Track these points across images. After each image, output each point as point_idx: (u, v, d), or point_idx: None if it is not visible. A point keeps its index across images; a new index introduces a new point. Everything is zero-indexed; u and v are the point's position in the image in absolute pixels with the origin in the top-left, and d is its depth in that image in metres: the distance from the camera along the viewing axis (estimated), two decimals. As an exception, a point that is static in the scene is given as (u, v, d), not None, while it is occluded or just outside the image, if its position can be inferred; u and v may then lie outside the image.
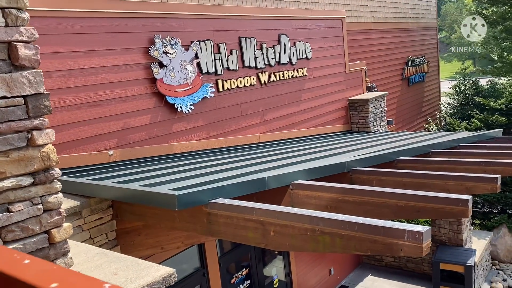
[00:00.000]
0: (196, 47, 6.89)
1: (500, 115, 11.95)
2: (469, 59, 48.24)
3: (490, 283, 9.69)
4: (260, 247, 3.84)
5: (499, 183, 4.55)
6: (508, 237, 10.56)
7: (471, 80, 16.87)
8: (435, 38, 19.28)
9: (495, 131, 8.91)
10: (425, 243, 2.85)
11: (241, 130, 7.84)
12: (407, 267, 10.37)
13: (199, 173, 4.87)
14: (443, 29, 56.46)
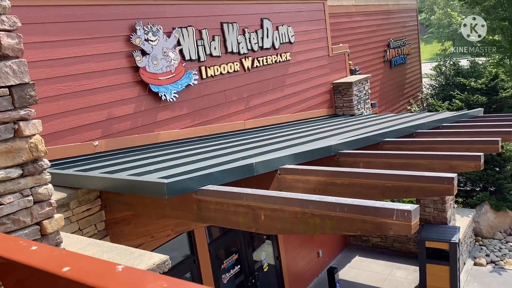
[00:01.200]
0: (178, 33, 6.81)
1: (481, 94, 12.16)
2: (449, 40, 48.69)
3: (474, 258, 9.97)
4: (251, 231, 3.87)
5: (482, 160, 4.65)
6: (490, 213, 10.84)
7: (451, 61, 17.09)
8: (416, 20, 19.40)
9: (476, 110, 9.07)
10: (414, 221, 2.91)
11: (226, 117, 7.82)
12: (394, 246, 10.58)
13: (187, 161, 4.86)
14: (423, 11, 56.71)
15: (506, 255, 9.89)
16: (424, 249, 8.53)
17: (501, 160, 10.95)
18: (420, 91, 18.78)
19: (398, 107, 17.10)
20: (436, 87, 16.82)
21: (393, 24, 16.87)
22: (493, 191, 11.18)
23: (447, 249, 8.34)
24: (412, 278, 9.38)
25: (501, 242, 10.45)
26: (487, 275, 9.33)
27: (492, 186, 11.22)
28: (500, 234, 10.69)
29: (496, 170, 11.06)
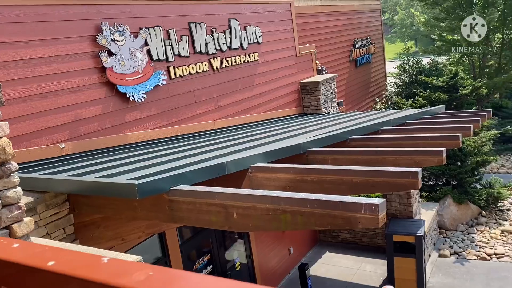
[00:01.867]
0: (145, 33, 6.74)
1: (442, 92, 12.61)
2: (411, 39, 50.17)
3: (439, 250, 10.34)
4: (223, 229, 3.90)
5: (444, 155, 4.85)
6: (453, 206, 11.27)
7: (414, 59, 17.63)
8: (379, 20, 19.90)
9: (438, 107, 9.42)
10: (381, 214, 3.02)
11: (196, 117, 7.80)
12: (362, 241, 10.83)
13: (158, 162, 4.83)
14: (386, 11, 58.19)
15: (468, 246, 10.31)
16: (391, 243, 8.79)
17: (462, 155, 11.40)
18: (385, 89, 19.28)
19: (364, 105, 17.50)
20: (400, 85, 17.33)
21: (358, 24, 17.25)
22: (455, 185, 11.63)
23: (413, 242, 8.62)
24: (380, 272, 9.64)
25: (464, 233, 10.89)
26: (451, 265, 9.71)
27: (454, 180, 11.66)
28: (463, 226, 11.13)
29: (458, 164, 11.51)
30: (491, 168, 14.72)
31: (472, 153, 11.45)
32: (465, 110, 11.95)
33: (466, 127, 6.48)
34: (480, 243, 10.35)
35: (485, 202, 11.42)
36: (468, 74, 17.77)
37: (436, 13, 18.02)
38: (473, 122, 6.96)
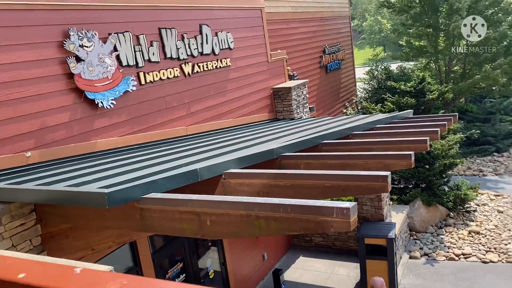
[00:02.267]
0: (114, 39, 6.63)
1: (410, 97, 12.94)
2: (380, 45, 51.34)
3: (409, 252, 10.55)
4: (196, 237, 3.85)
5: (413, 159, 4.97)
6: (423, 209, 11.54)
7: (382, 65, 18.03)
8: (349, 27, 20.27)
9: (406, 112, 9.65)
10: (352, 217, 3.05)
11: (167, 123, 7.72)
12: (335, 245, 10.94)
13: (128, 169, 4.74)
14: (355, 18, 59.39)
15: (437, 247, 10.57)
16: (363, 246, 8.91)
17: (430, 158, 11.71)
18: (355, 94, 19.63)
19: (335, 110, 17.75)
20: (370, 90, 17.68)
21: (328, 30, 17.52)
22: (424, 188, 11.92)
23: (384, 244, 8.76)
24: (354, 275, 9.75)
25: (433, 235, 11.16)
26: (421, 267, 9.92)
27: (423, 183, 11.95)
28: (432, 228, 11.41)
29: (426, 167, 11.81)
30: (458, 170, 15.18)
31: (440, 156, 11.78)
32: (432, 114, 12.30)
33: (433, 131, 6.66)
34: (449, 244, 10.63)
35: (453, 204, 11.75)
36: (434, 79, 18.31)
37: (404, 20, 18.49)
38: (440, 126, 7.16)
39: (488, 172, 14.98)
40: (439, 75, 17.74)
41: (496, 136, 16.64)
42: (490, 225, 11.18)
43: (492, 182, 14.20)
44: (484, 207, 12.26)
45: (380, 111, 12.89)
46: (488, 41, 16.39)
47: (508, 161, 15.71)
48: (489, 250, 10.16)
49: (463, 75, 17.27)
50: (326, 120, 9.94)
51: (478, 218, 11.66)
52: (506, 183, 14.00)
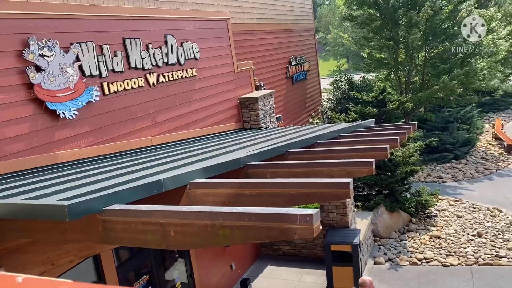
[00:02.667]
0: (76, 49, 6.52)
1: (372, 106, 13.31)
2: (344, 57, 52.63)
3: (374, 258, 10.77)
4: (160, 248, 3.81)
5: (373, 166, 5.11)
6: (386, 215, 11.83)
7: (346, 76, 18.48)
8: (313, 39, 20.69)
9: (368, 121, 9.91)
10: (315, 224, 3.11)
11: (132, 133, 7.62)
12: (303, 253, 11.03)
13: (90, 181, 4.64)
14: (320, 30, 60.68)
15: (400, 252, 10.85)
16: (329, 253, 9.03)
17: (392, 166, 12.05)
18: (320, 104, 19.99)
19: (301, 120, 18.01)
20: (334, 100, 18.06)
21: (293, 42, 17.82)
22: (387, 194, 12.23)
23: (349, 251, 8.92)
24: (320, 282, 9.85)
25: (396, 240, 11.44)
26: (385, 272, 10.14)
27: (386, 189, 12.27)
28: (395, 234, 11.71)
29: (389, 175, 12.14)
30: (419, 177, 15.68)
31: (401, 164, 12.14)
32: (393, 123, 12.69)
33: (393, 139, 6.87)
34: (412, 249, 10.93)
35: (415, 210, 12.11)
36: (395, 90, 18.92)
37: (365, 32, 19.05)
38: (400, 135, 7.39)
39: (447, 179, 15.55)
40: (399, 85, 18.34)
41: (454, 144, 17.33)
42: (450, 230, 11.59)
43: (451, 188, 14.75)
44: (444, 212, 12.71)
45: (344, 120, 13.18)
46: (445, 53, 17.12)
47: (465, 168, 16.38)
48: (449, 254, 10.52)
49: (422, 85, 17.93)
50: (292, 129, 10.08)
51: (439, 223, 12.06)
52: (464, 188, 14.58)
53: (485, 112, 24.97)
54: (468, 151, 17.76)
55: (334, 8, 53.45)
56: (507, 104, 26.38)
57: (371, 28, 17.94)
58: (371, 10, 17.75)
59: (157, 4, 9.57)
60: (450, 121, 18.84)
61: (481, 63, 17.27)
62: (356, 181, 12.53)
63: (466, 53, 17.00)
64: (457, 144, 17.42)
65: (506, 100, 26.83)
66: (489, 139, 19.82)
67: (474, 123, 19.82)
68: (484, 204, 13.06)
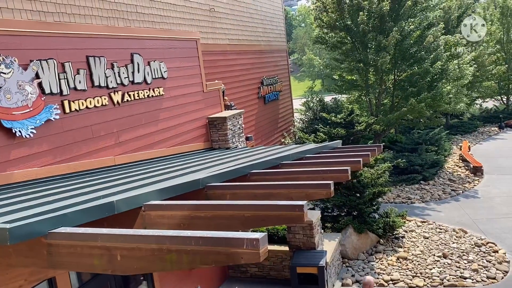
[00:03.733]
0: (36, 66, 6.40)
1: (341, 128, 13.48)
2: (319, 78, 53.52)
3: (342, 279, 10.73)
4: (106, 273, 3.69)
5: (332, 188, 5.13)
6: (354, 236, 11.86)
7: (317, 97, 18.73)
8: (286, 60, 20.99)
9: (335, 142, 10.03)
10: (262, 248, 3.06)
11: (94, 153, 7.46)
12: (270, 275, 10.90)
13: (40, 202, 4.49)
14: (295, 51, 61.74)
15: (368, 273, 10.84)
16: (295, 275, 8.96)
17: (360, 187, 12.15)
18: (293, 124, 20.16)
19: (273, 139, 18.09)
20: (306, 121, 18.24)
21: (266, 63, 18.03)
22: (356, 216, 12.29)
23: (316, 273, 8.87)
24: (287, 305, 9.72)
25: (364, 262, 11.45)
26: (352, 294, 10.11)
27: (354, 210, 12.33)
28: (363, 255, 11.73)
29: (357, 196, 12.23)
30: (388, 198, 15.86)
31: (369, 185, 12.26)
32: (361, 144, 12.86)
33: (356, 161, 6.95)
34: (379, 270, 10.95)
35: (383, 231, 12.19)
36: (366, 111, 19.26)
37: (337, 55, 19.42)
38: (363, 156, 7.49)
39: (415, 200, 15.78)
40: (370, 107, 18.69)
41: (423, 165, 17.66)
42: (417, 251, 11.69)
43: (419, 209, 14.96)
44: (411, 233, 12.83)
45: (314, 141, 13.30)
46: (413, 76, 17.60)
47: (433, 189, 16.67)
48: (415, 275, 10.58)
49: (392, 107, 18.32)
50: (259, 150, 10.08)
51: (406, 244, 12.17)
52: (432, 209, 14.80)
53: (453, 134, 25.68)
54: (436, 172, 18.12)
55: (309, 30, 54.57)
56: (474, 126, 27.21)
57: (342, 51, 18.32)
58: (342, 33, 18.16)
59: (126, 23, 9.55)
60: (419, 142, 19.25)
61: (447, 86, 17.82)
62: (325, 202, 12.57)
63: (433, 77, 17.51)
64: (426, 165, 17.76)
65: (473, 123, 27.69)
66: (456, 161, 20.31)
67: (442, 145, 20.31)
68: (450, 225, 13.27)
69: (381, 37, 16.66)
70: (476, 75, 24.15)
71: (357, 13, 17.11)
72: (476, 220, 13.45)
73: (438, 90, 17.25)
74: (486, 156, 20.61)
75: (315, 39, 19.13)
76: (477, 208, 14.54)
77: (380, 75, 17.99)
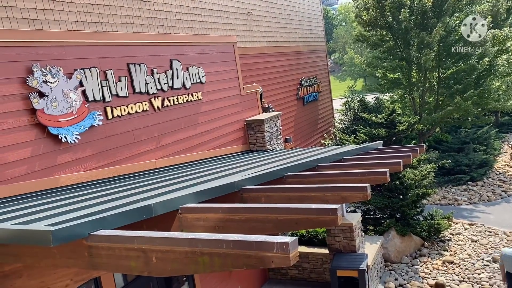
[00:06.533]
0: (80, 74, 6.70)
1: (381, 128, 13.17)
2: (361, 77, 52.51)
3: (384, 283, 10.48)
4: (143, 275, 3.80)
5: (369, 191, 5.02)
6: (397, 239, 11.55)
7: (358, 97, 18.39)
8: (325, 60, 20.76)
9: (376, 143, 9.80)
10: (292, 252, 3.05)
11: (135, 157, 7.71)
12: (311, 277, 10.82)
13: (83, 206, 4.70)
14: (336, 51, 60.90)
15: (412, 277, 10.53)
16: (335, 278, 8.84)
17: (403, 189, 11.82)
18: (333, 125, 19.90)
19: (313, 141, 17.94)
20: (346, 121, 17.95)
21: (304, 64, 17.92)
22: (399, 218, 11.97)
23: (356, 276, 8.71)
24: (328, 308, 9.61)
25: (408, 265, 11.13)
26: (395, 298, 9.85)
27: (397, 213, 12.01)
28: (407, 258, 11.39)
29: (400, 197, 11.90)
30: (434, 199, 15.32)
31: (413, 186, 11.90)
32: (402, 145, 12.50)
33: (396, 162, 6.76)
34: (423, 274, 10.60)
35: (427, 234, 11.79)
36: (409, 110, 18.71)
37: (378, 53, 19.00)
38: (404, 158, 7.28)
39: (462, 201, 15.15)
40: (413, 106, 18.15)
41: (470, 165, 16.93)
42: (464, 255, 11.22)
43: (467, 211, 14.35)
44: (458, 236, 12.33)
45: (354, 142, 13.07)
46: (459, 73, 16.92)
47: (482, 190, 15.94)
48: (462, 280, 10.16)
49: (437, 106, 17.70)
50: (297, 151, 10.03)
51: (452, 247, 11.70)
52: (480, 211, 14.16)
53: (504, 132, 24.41)
54: (485, 172, 17.30)
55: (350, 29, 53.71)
56: (526, 124, 25.75)
57: (384, 49, 17.92)
58: (383, 31, 17.75)
59: (165, 30, 9.80)
60: (467, 142, 18.47)
61: (496, 83, 16.99)
62: (366, 204, 12.32)
63: (480, 73, 16.75)
64: (473, 165, 17.00)
65: (526, 120, 26.20)
66: (507, 161, 19.30)
67: (492, 144, 19.37)
68: (501, 228, 12.63)
69: (423, 34, 16.14)
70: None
71: (398, 10, 16.68)
72: (530, 223, 12.74)
73: (485, 87, 16.49)
74: (541, 155, 19.45)
75: (356, 38, 18.83)
76: (531, 210, 13.77)
77: (424, 72, 17.42)
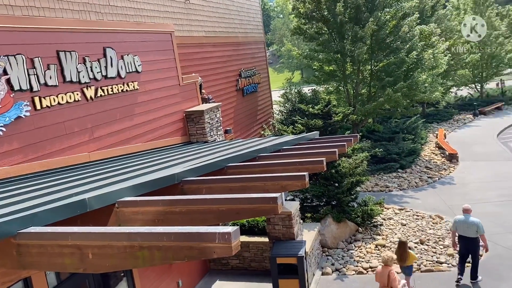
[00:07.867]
0: (3, 62, 6.22)
1: (318, 119, 13.56)
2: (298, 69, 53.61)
3: (322, 268, 10.86)
4: (78, 272, 3.64)
5: (307, 179, 5.16)
6: (333, 225, 12.00)
7: (296, 89, 18.77)
8: (264, 52, 20.93)
9: (312, 133, 10.08)
10: (234, 242, 3.06)
11: (67, 149, 7.33)
12: (251, 266, 10.96)
13: (10, 202, 4.39)
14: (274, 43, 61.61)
15: (347, 262, 11.01)
16: (275, 266, 9.02)
17: (338, 177, 12.28)
18: (272, 117, 20.16)
19: (253, 132, 18.07)
20: (285, 113, 18.28)
21: (243, 55, 17.93)
22: (335, 205, 12.43)
23: (295, 263, 8.95)
24: (268, 295, 9.80)
25: (343, 250, 11.62)
26: (332, 282, 10.25)
27: (333, 200, 12.47)
28: (342, 244, 11.88)
29: (336, 185, 12.36)
30: (367, 187, 16.08)
31: (347, 174, 12.40)
32: (337, 135, 12.97)
33: (331, 152, 7.01)
34: (358, 259, 11.12)
35: (361, 219, 12.36)
36: (344, 102, 19.40)
37: (314, 46, 19.44)
38: (339, 147, 7.55)
39: (393, 188, 16.05)
40: (347, 98, 18.83)
41: (400, 153, 17.94)
42: (395, 238, 11.90)
43: (397, 197, 15.22)
44: (389, 221, 13.06)
45: (292, 132, 13.35)
46: (390, 66, 17.79)
47: (410, 177, 16.97)
48: (393, 261, 10.77)
49: (369, 97, 18.51)
50: (237, 143, 10.06)
51: (384, 231, 12.38)
52: (409, 197, 15.09)
53: (430, 122, 26.14)
54: (413, 160, 18.43)
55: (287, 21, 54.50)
56: (449, 114, 27.74)
57: (320, 41, 18.37)
58: (319, 24, 18.18)
59: (98, 16, 9.34)
60: (397, 131, 19.53)
61: (423, 76, 18.08)
62: (304, 193, 12.66)
63: (409, 67, 17.73)
64: (403, 154, 18.04)
65: (449, 111, 28.24)
66: (432, 149, 20.70)
67: (419, 133, 20.65)
68: (427, 211, 13.55)
69: (357, 27, 16.75)
70: (450, 64, 24.60)
71: (333, 4, 17.15)
72: (452, 206, 13.76)
73: (413, 79, 17.48)
74: (461, 143, 21.08)
75: (293, 30, 19.10)
76: (453, 194, 14.88)
77: (357, 65, 18.11)
